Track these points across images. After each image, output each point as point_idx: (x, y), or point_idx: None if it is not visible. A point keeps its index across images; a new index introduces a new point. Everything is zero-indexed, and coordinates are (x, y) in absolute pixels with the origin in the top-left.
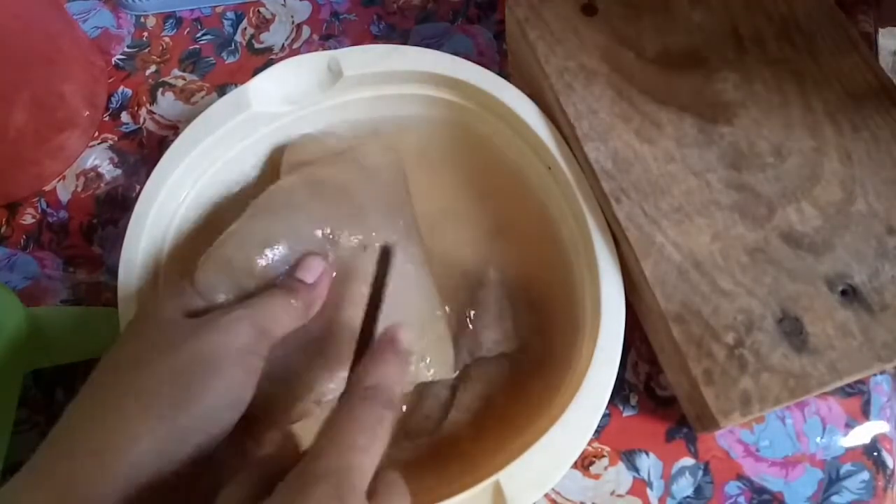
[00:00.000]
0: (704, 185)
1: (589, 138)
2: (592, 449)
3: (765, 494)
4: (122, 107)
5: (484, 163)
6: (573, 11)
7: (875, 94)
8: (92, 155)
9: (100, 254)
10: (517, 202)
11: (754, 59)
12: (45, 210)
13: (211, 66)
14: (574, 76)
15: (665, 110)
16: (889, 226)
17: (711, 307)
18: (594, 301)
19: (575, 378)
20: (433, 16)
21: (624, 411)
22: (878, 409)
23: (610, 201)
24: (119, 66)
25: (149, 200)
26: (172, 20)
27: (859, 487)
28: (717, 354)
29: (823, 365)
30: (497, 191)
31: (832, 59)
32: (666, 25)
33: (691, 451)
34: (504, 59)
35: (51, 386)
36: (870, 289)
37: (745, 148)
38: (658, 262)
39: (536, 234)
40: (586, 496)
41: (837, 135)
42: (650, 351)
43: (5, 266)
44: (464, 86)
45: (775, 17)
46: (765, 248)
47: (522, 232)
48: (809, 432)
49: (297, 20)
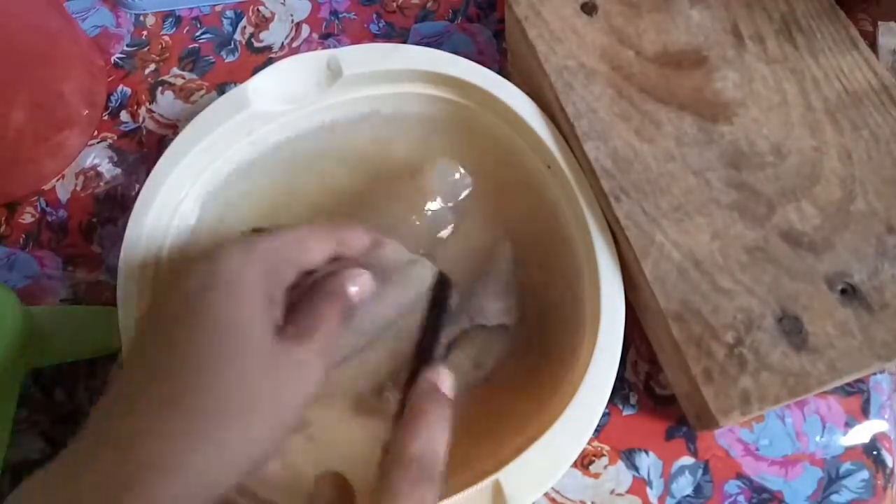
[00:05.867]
0: (704, 183)
1: (588, 137)
2: (592, 448)
3: (764, 493)
4: (121, 106)
5: (483, 161)
6: (573, 10)
7: (875, 93)
8: (91, 154)
9: (99, 253)
10: (516, 201)
11: (754, 57)
12: (44, 209)
13: (210, 64)
14: (574, 75)
15: (665, 109)
16: (889, 225)
17: (711, 306)
18: (594, 300)
19: (574, 377)
20: (433, 14)
21: (624, 410)
22: (878, 408)
23: (609, 200)
24: (118, 64)
25: (148, 199)
26: (172, 19)
27: (859, 486)
28: (716, 353)
29: (823, 364)
30: (496, 189)
31: (832, 58)
32: (666, 24)
33: (691, 450)
34: (504, 57)
35: (51, 385)
36: (869, 288)
37: (745, 147)
38: (658, 261)
39: (536, 233)
40: (586, 495)
41: (837, 134)
42: (650, 350)
43: (4, 265)
44: (463, 85)
45: (775, 16)
46: (764, 246)
47: (522, 230)
48: (809, 431)
49: (296, 19)
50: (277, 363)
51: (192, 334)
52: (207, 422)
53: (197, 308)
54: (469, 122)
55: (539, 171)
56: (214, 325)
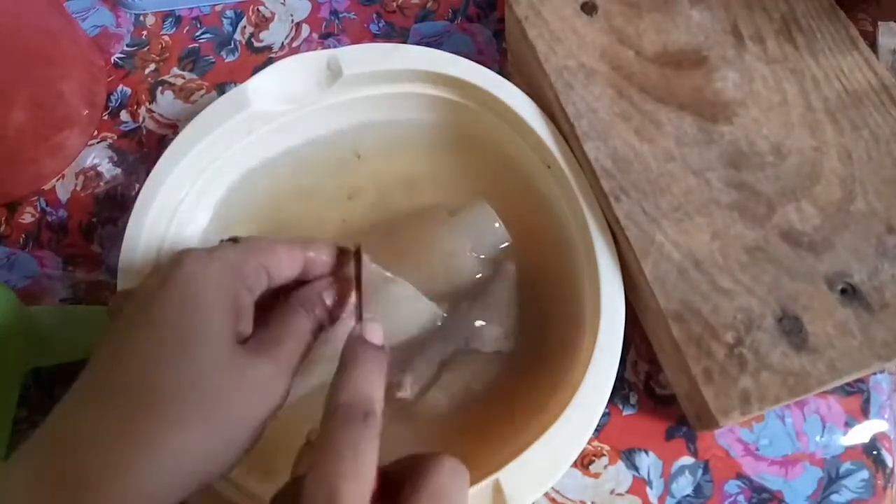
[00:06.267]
0: (704, 183)
1: (588, 137)
2: (592, 448)
3: (764, 493)
4: (121, 105)
5: (483, 161)
6: (573, 10)
7: (875, 93)
8: (91, 154)
9: (99, 253)
10: (516, 201)
11: (754, 57)
12: (44, 209)
13: (210, 64)
14: (574, 75)
15: (665, 109)
16: (889, 225)
17: (711, 306)
18: (594, 299)
19: (574, 376)
20: (433, 14)
21: (624, 410)
22: (878, 408)
23: (609, 200)
24: (118, 64)
25: (148, 199)
26: (172, 19)
27: (859, 486)
28: (716, 353)
29: (823, 364)
30: (496, 189)
31: (832, 58)
32: (666, 24)
33: (691, 450)
34: (504, 57)
35: (50, 385)
36: (869, 287)
37: (745, 147)
38: (658, 261)
39: (536, 233)
40: (586, 495)
41: (837, 134)
42: (650, 350)
43: (4, 265)
44: (463, 85)
45: (775, 16)
46: (764, 246)
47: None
48: (809, 431)
49: (296, 19)
50: (240, 374)
51: (147, 337)
52: (163, 429)
53: (153, 311)
54: (469, 122)
55: (539, 171)
56: (170, 328)
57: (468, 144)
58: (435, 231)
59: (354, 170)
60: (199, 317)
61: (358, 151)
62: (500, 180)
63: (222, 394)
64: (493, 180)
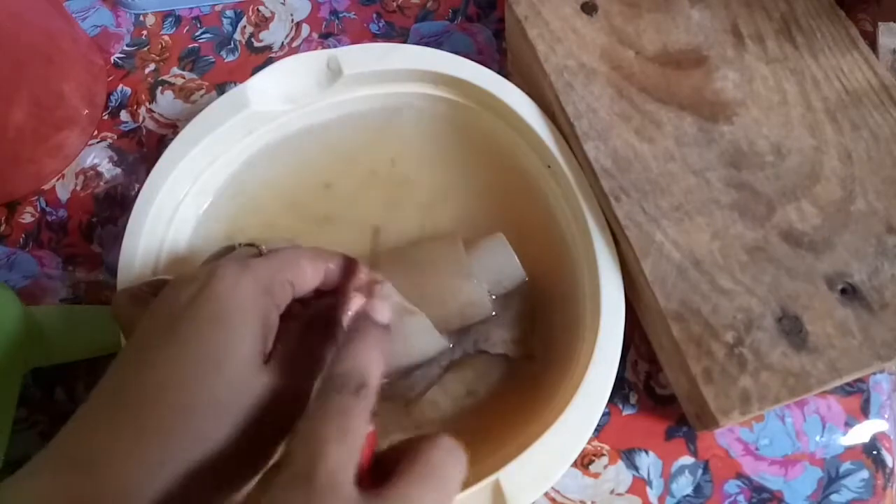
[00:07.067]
0: (704, 183)
1: (588, 137)
2: (592, 447)
3: (764, 493)
4: (121, 105)
5: (483, 161)
6: (573, 10)
7: (875, 93)
8: (91, 153)
9: (99, 252)
10: (517, 200)
11: (754, 57)
12: (44, 209)
13: (210, 64)
14: (574, 75)
15: (665, 109)
16: (889, 224)
17: (711, 306)
18: (594, 299)
19: (574, 376)
20: (433, 14)
21: (623, 410)
22: (878, 408)
23: (609, 200)
24: (118, 64)
25: (148, 199)
26: (171, 18)
27: (859, 486)
28: (716, 353)
29: (823, 363)
30: (496, 189)
31: (832, 58)
32: (666, 24)
33: (691, 450)
34: (504, 57)
35: (50, 385)
36: (869, 287)
37: (745, 147)
38: (657, 261)
39: (536, 232)
40: (586, 495)
41: (837, 133)
42: (650, 349)
43: (4, 265)
44: (463, 84)
45: (775, 16)
46: (764, 246)
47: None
48: (809, 431)
49: (296, 18)
50: (262, 394)
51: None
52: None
53: (181, 327)
54: (469, 122)
55: (539, 171)
56: (199, 347)
57: (468, 144)
58: (455, 281)
59: (355, 170)
60: (229, 338)
61: (359, 152)
62: (500, 180)
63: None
64: (494, 180)
